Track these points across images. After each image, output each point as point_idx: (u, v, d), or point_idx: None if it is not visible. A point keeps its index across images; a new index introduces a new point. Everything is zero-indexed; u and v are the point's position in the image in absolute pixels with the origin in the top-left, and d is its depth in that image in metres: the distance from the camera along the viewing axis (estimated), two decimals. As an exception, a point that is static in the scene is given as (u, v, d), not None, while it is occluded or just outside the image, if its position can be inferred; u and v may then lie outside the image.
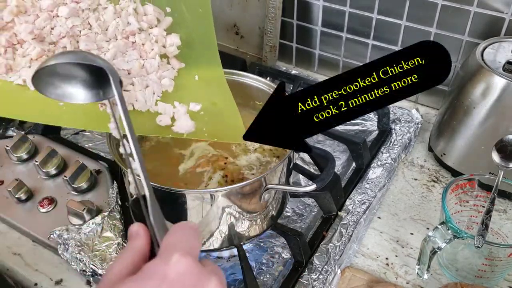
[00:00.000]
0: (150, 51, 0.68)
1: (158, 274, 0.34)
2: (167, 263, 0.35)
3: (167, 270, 0.34)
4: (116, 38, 0.66)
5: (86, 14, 0.66)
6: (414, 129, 0.89)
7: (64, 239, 0.68)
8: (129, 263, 0.37)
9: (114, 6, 0.68)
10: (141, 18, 0.70)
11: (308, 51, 1.05)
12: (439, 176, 0.83)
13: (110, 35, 0.66)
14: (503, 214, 0.71)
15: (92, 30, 0.65)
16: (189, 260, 0.35)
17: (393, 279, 0.68)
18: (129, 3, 0.69)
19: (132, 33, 0.67)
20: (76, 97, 0.53)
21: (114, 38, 0.66)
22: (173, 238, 0.38)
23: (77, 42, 0.63)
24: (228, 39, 1.13)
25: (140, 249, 0.38)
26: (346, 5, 0.93)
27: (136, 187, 0.41)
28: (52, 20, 0.63)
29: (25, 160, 0.83)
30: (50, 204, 0.76)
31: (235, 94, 0.76)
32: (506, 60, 0.73)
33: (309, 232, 0.73)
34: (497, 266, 0.62)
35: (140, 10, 0.70)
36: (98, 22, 0.65)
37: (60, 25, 0.63)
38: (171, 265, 0.34)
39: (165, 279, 0.34)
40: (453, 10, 0.83)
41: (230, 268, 0.70)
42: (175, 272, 0.34)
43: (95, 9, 0.67)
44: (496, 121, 0.72)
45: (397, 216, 0.76)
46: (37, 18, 0.63)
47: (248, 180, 0.59)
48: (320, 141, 0.89)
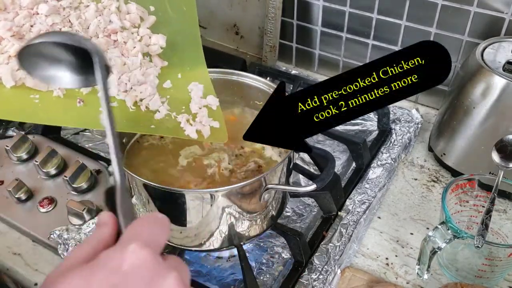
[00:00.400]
0: (132, 49, 0.67)
1: (111, 264, 0.32)
2: (122, 253, 0.32)
3: (122, 261, 0.32)
4: (98, 36, 0.65)
5: (67, 12, 0.65)
6: (414, 129, 0.89)
7: (64, 239, 0.68)
8: (89, 251, 0.34)
9: (96, 4, 0.68)
10: (124, 16, 0.69)
11: (308, 51, 1.05)
12: (439, 176, 0.83)
13: (91, 33, 0.65)
14: (503, 214, 0.71)
15: (72, 28, 0.64)
16: (146, 252, 0.32)
17: (393, 279, 0.68)
18: (111, 2, 0.69)
19: (114, 32, 0.67)
20: (62, 81, 0.49)
21: (95, 36, 0.65)
22: (136, 228, 0.35)
23: None
24: (228, 39, 1.13)
25: (104, 238, 0.36)
26: (346, 5, 0.93)
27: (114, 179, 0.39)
28: (32, 18, 0.63)
29: (25, 160, 0.83)
30: (50, 204, 0.76)
31: (235, 94, 0.77)
32: (506, 60, 0.73)
33: (309, 232, 0.73)
34: (497, 266, 0.62)
35: (123, 9, 0.70)
36: (79, 20, 0.65)
37: (40, 22, 0.62)
38: (127, 255, 0.32)
39: (117, 270, 0.31)
40: (453, 10, 0.83)
41: (230, 268, 0.70)
42: (130, 263, 0.32)
43: (76, 7, 0.67)
44: (496, 121, 0.72)
45: (397, 216, 0.76)
46: (17, 15, 0.63)
47: (248, 180, 0.59)
48: (320, 141, 0.89)
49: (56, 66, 0.49)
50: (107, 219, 0.37)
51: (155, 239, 0.34)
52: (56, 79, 0.49)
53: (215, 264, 0.70)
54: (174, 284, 0.32)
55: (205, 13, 1.12)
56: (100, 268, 0.32)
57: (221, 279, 0.68)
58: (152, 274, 0.32)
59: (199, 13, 1.13)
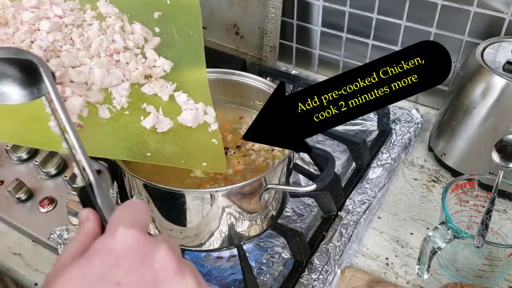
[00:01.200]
0: (134, 70, 0.66)
1: (105, 248, 0.34)
2: (113, 237, 0.34)
3: (114, 244, 0.34)
4: (100, 56, 0.64)
5: (69, 29, 0.64)
6: (414, 129, 0.89)
7: (64, 239, 0.68)
8: (79, 246, 0.36)
9: (99, 23, 0.67)
10: (128, 36, 0.68)
11: (308, 51, 1.05)
12: (439, 176, 0.83)
13: (93, 52, 0.64)
14: (503, 214, 0.71)
15: (74, 46, 0.63)
16: (135, 231, 0.34)
17: (393, 279, 0.68)
18: (116, 21, 0.68)
19: (117, 51, 0.66)
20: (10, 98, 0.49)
21: (97, 55, 0.64)
22: (118, 214, 0.37)
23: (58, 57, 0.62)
24: (228, 39, 1.13)
25: (90, 232, 0.38)
26: (346, 5, 0.93)
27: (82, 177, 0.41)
28: (33, 34, 0.62)
29: (25, 160, 0.83)
30: (50, 204, 0.76)
31: (235, 94, 0.77)
32: (506, 60, 0.73)
33: (309, 232, 0.73)
34: (497, 266, 0.62)
35: (127, 29, 0.69)
36: (81, 38, 0.64)
37: (40, 39, 0.62)
38: (117, 238, 0.34)
39: (112, 252, 0.33)
40: (453, 10, 0.83)
41: (230, 268, 0.70)
42: (122, 244, 0.34)
43: (79, 25, 0.66)
44: (496, 121, 0.72)
45: (397, 216, 0.76)
46: (17, 30, 0.62)
47: (248, 180, 0.59)
48: (320, 141, 0.89)
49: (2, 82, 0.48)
50: (88, 214, 0.39)
51: (139, 220, 0.36)
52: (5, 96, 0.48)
53: (215, 264, 0.70)
54: (166, 253, 0.34)
55: (205, 13, 1.12)
56: (96, 255, 0.34)
57: (221, 279, 0.68)
58: (145, 248, 0.34)
59: (199, 13, 1.13)
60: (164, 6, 0.73)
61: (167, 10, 0.73)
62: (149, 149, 0.60)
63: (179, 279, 0.33)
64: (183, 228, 0.63)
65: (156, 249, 0.34)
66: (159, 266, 0.33)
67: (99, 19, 0.68)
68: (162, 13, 0.72)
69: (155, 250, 0.34)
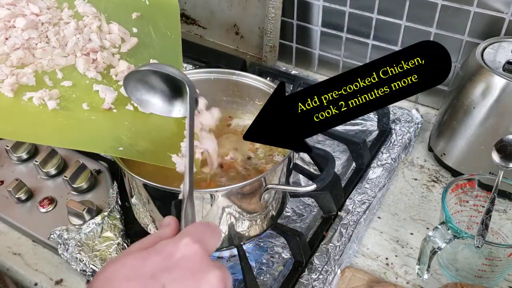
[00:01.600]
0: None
1: (165, 251, 0.36)
2: (176, 244, 0.36)
3: (175, 250, 0.36)
4: (76, 55, 0.64)
5: (45, 27, 0.64)
6: (414, 129, 0.89)
7: (64, 239, 0.68)
8: (149, 243, 0.38)
9: (76, 22, 0.67)
10: (105, 36, 0.68)
11: (308, 51, 1.05)
12: (439, 176, 0.83)
13: (68, 51, 0.64)
14: (503, 214, 0.71)
15: (49, 44, 0.63)
16: (197, 246, 0.36)
17: (393, 279, 0.68)
18: (93, 20, 0.68)
19: (93, 50, 0.66)
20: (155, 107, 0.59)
21: (73, 54, 0.64)
22: (191, 227, 0.40)
23: (33, 55, 0.62)
24: (228, 39, 1.13)
25: (165, 236, 0.40)
26: (346, 5, 0.93)
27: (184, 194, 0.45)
28: (8, 31, 0.62)
29: (25, 160, 0.83)
30: (50, 204, 0.76)
31: (235, 94, 0.77)
32: (506, 60, 0.73)
33: (309, 232, 0.73)
34: (497, 266, 0.62)
35: (104, 28, 0.69)
36: (57, 37, 0.63)
37: (15, 36, 0.61)
38: (180, 246, 0.36)
39: (169, 257, 0.35)
40: (453, 10, 0.83)
41: (230, 268, 0.70)
42: (182, 253, 0.35)
43: (56, 23, 0.65)
44: (496, 121, 0.72)
45: (397, 216, 0.76)
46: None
47: (248, 180, 0.59)
48: (320, 141, 0.90)
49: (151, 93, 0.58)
50: (170, 221, 0.42)
51: (206, 240, 0.38)
52: (149, 104, 0.59)
53: (215, 264, 0.70)
54: (216, 280, 0.36)
55: (205, 13, 1.12)
56: (155, 253, 0.36)
57: (221, 279, 0.68)
58: (199, 266, 0.36)
59: (200, 14, 1.13)
60: (143, 6, 0.74)
61: (146, 11, 0.73)
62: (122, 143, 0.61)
63: None
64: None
65: (209, 271, 0.36)
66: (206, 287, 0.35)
67: (76, 18, 0.68)
68: (140, 13, 0.72)
69: (208, 272, 0.36)
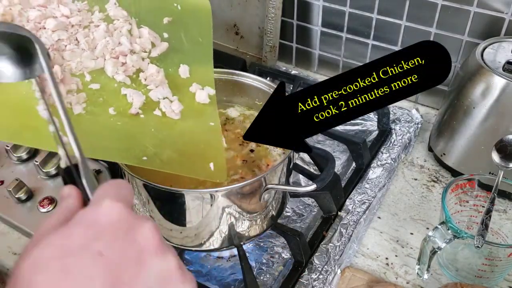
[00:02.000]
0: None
1: (88, 219, 0.33)
2: (97, 209, 0.34)
3: (98, 216, 0.33)
4: (104, 58, 0.64)
5: (75, 30, 0.64)
6: (414, 129, 0.89)
7: (64, 239, 0.68)
8: (60, 218, 0.35)
9: (107, 25, 0.66)
10: (135, 40, 0.68)
11: (308, 51, 1.05)
12: (439, 176, 0.83)
13: (98, 53, 0.64)
14: (503, 214, 0.71)
15: (79, 46, 0.63)
16: (120, 206, 0.34)
17: (393, 279, 0.68)
18: (123, 24, 0.67)
19: (123, 54, 0.65)
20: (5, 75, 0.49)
21: (102, 57, 0.64)
22: (103, 189, 0.37)
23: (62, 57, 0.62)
24: (228, 39, 1.13)
25: (72, 207, 0.37)
26: (346, 5, 0.93)
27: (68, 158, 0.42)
28: (38, 32, 0.62)
29: (25, 160, 0.83)
30: (50, 204, 0.76)
31: (235, 94, 0.77)
32: (506, 60, 0.73)
33: (309, 232, 0.73)
34: (497, 266, 0.62)
35: (134, 32, 0.68)
36: (87, 39, 0.63)
37: (45, 37, 0.62)
38: (102, 211, 0.33)
39: (95, 224, 0.33)
40: (453, 10, 0.83)
41: (230, 268, 0.70)
42: (106, 217, 0.33)
43: (86, 26, 0.65)
44: (496, 121, 0.72)
45: (397, 216, 0.76)
46: None
47: (248, 180, 0.59)
48: (320, 141, 0.90)
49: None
50: (70, 191, 0.38)
51: (125, 196, 0.36)
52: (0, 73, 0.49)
53: (215, 264, 0.70)
54: (151, 230, 0.33)
55: (205, 13, 1.12)
56: (77, 225, 0.33)
57: (221, 279, 0.68)
58: (129, 223, 0.33)
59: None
60: (175, 12, 0.73)
61: (178, 16, 0.72)
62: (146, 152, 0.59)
63: (161, 257, 0.33)
64: (183, 228, 0.63)
65: (141, 225, 0.33)
66: (143, 242, 0.33)
67: (106, 21, 0.68)
68: (172, 18, 0.72)
69: (140, 226, 0.33)
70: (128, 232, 0.33)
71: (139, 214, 0.67)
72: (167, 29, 0.71)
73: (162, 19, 0.72)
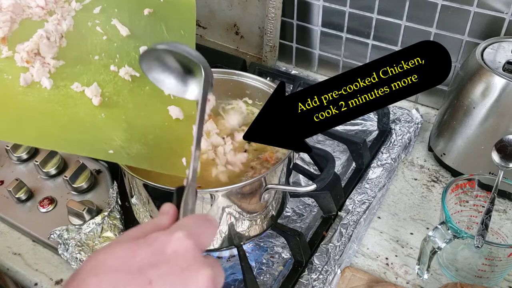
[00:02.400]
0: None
1: (156, 244, 0.34)
2: (169, 237, 0.35)
3: (166, 244, 0.34)
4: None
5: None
6: (414, 129, 0.89)
7: (64, 239, 0.68)
8: (143, 232, 0.37)
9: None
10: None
11: (308, 51, 1.05)
12: (439, 176, 0.83)
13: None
14: (503, 214, 0.71)
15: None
16: (190, 243, 0.35)
17: (393, 279, 0.68)
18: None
19: None
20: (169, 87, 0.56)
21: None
22: (187, 220, 0.38)
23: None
24: (228, 39, 1.13)
25: (161, 225, 0.38)
26: (346, 5, 0.93)
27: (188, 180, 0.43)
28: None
29: (25, 160, 0.83)
30: (50, 204, 0.76)
31: (235, 94, 0.77)
32: (506, 60, 0.73)
33: (309, 232, 0.73)
34: (497, 266, 0.62)
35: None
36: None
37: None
38: (172, 240, 0.34)
39: (160, 251, 0.34)
40: (453, 10, 0.83)
41: (230, 268, 0.70)
42: (173, 249, 0.34)
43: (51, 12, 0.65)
44: (496, 121, 0.72)
45: (397, 216, 0.76)
46: None
47: (248, 180, 0.59)
48: (320, 141, 0.90)
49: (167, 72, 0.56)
50: (168, 209, 0.40)
51: (201, 235, 0.37)
52: (164, 83, 0.56)
53: (215, 264, 0.70)
54: (206, 280, 0.34)
55: (205, 13, 1.12)
56: (146, 246, 0.34)
57: (221, 279, 0.68)
58: (189, 264, 0.34)
59: (199, 13, 1.13)
60: (157, 3, 0.72)
61: (159, 8, 0.72)
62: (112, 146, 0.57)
63: None
64: (183, 228, 0.63)
65: (199, 270, 0.34)
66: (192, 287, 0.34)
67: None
68: (152, 10, 0.71)
69: (197, 272, 0.34)
70: (185, 272, 0.34)
71: (139, 213, 0.67)
72: (147, 20, 0.70)
73: (142, 10, 0.71)
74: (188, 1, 0.75)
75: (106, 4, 0.68)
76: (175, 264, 0.34)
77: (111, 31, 0.66)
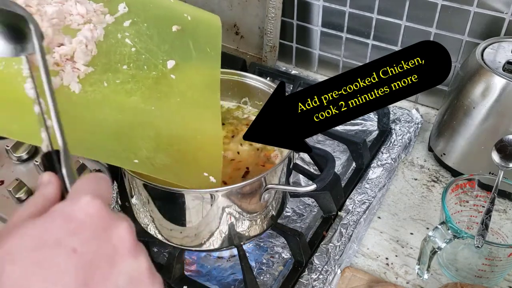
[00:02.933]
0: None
1: (65, 213, 0.33)
2: (75, 204, 0.33)
3: (76, 211, 0.33)
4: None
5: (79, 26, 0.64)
6: (414, 129, 0.89)
7: (64, 239, 0.68)
8: (37, 207, 0.35)
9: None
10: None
11: (308, 51, 1.05)
12: (439, 176, 0.83)
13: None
14: (503, 214, 0.71)
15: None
16: (99, 203, 0.34)
17: (393, 279, 0.68)
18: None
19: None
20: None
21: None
22: (82, 183, 0.36)
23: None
24: (228, 39, 1.13)
25: (50, 196, 0.37)
26: (346, 5, 0.93)
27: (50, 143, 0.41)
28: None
29: (25, 160, 0.83)
30: (50, 204, 0.76)
31: (235, 94, 0.77)
32: (506, 60, 0.73)
33: (309, 232, 0.73)
34: (497, 266, 0.62)
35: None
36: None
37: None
38: (80, 206, 0.33)
39: (72, 219, 0.32)
40: (453, 10, 0.83)
41: (230, 268, 0.70)
42: (84, 213, 0.33)
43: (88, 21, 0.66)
44: (496, 121, 0.72)
45: (397, 216, 0.76)
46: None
47: (248, 180, 0.59)
48: (320, 141, 0.90)
49: None
50: (50, 178, 0.38)
51: (103, 193, 0.36)
52: None
53: (215, 264, 0.71)
54: (126, 231, 0.34)
55: (205, 13, 1.12)
56: (55, 218, 0.33)
57: (221, 279, 0.68)
58: (106, 222, 0.33)
59: (199, 13, 1.13)
60: (185, 21, 0.74)
61: (187, 26, 0.73)
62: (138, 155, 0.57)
63: (134, 258, 0.33)
64: (183, 228, 0.63)
65: (117, 225, 0.34)
66: (118, 242, 0.33)
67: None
68: (181, 27, 0.72)
69: (116, 226, 0.34)
70: (104, 231, 0.33)
71: (139, 213, 0.67)
72: (175, 36, 0.71)
73: (170, 27, 0.72)
74: (214, 21, 0.77)
75: (136, 19, 0.69)
76: (93, 226, 0.33)
77: (140, 43, 0.67)
